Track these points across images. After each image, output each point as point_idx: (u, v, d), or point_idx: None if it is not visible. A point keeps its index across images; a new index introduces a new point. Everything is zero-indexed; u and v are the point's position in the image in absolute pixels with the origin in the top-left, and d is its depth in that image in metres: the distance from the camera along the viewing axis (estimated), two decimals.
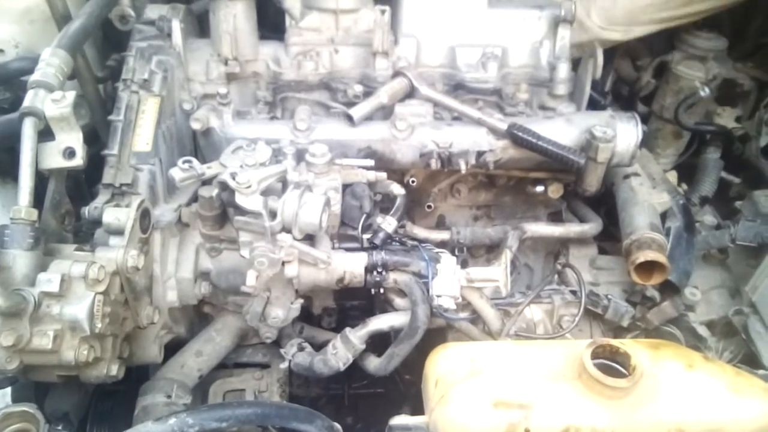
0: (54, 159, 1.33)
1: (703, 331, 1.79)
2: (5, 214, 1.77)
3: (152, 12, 1.85)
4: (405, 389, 2.05)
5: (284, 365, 1.64)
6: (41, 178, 1.36)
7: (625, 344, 1.19)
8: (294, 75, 1.88)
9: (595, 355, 1.17)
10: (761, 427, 1.15)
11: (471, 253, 2.01)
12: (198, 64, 1.84)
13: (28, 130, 1.28)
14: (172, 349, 1.66)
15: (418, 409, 1.27)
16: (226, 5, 1.79)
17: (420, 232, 1.86)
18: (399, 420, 1.21)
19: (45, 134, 1.34)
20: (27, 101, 1.30)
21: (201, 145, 1.80)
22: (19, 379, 1.31)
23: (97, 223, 1.41)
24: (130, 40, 1.77)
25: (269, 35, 1.93)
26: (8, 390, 1.52)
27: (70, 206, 1.47)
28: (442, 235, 1.89)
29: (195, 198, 1.60)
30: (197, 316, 1.76)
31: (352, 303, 1.93)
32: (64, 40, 1.42)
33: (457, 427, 1.15)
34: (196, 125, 1.69)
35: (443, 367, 1.24)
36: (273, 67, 1.89)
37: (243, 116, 1.84)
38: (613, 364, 1.19)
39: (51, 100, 1.29)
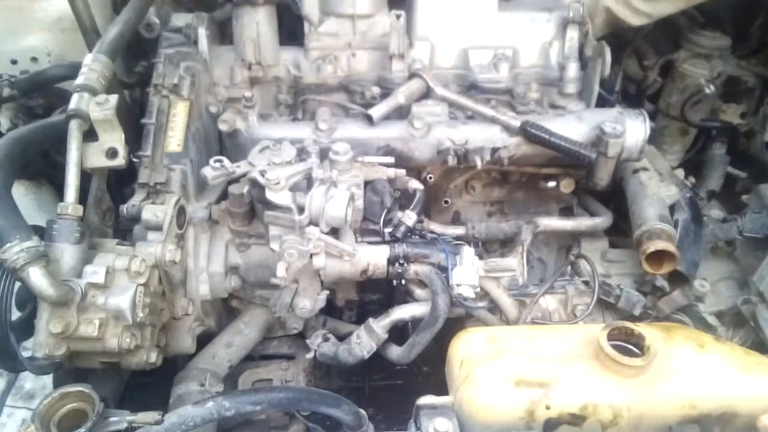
0: (97, 158, 1.40)
1: (712, 320, 1.83)
2: (41, 215, 1.87)
3: (178, 20, 1.93)
4: (423, 380, 2.11)
5: (310, 355, 1.71)
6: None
7: (639, 326, 1.26)
8: (314, 78, 1.95)
9: (611, 337, 1.24)
10: None
11: (485, 247, 2.07)
12: (222, 69, 1.92)
13: (74, 131, 1.35)
14: (202, 342, 1.73)
15: None
16: (249, 12, 1.87)
17: (436, 227, 1.91)
18: (426, 400, 1.27)
19: (87, 135, 1.41)
20: (73, 104, 1.37)
21: (227, 146, 1.87)
22: (62, 364, 1.37)
23: (135, 219, 1.48)
24: (158, 47, 1.84)
25: (286, 42, 2.01)
26: (48, 378, 1.59)
27: (111, 203, 1.54)
28: (458, 230, 1.95)
29: (223, 196, 1.68)
30: (225, 311, 1.83)
31: (371, 297, 2.00)
32: (104, 46, 1.49)
33: (482, 404, 1.21)
34: (223, 127, 1.77)
35: (467, 349, 1.31)
36: (293, 71, 1.96)
37: (265, 119, 1.92)
38: (628, 345, 1.26)
39: (95, 103, 1.37)
